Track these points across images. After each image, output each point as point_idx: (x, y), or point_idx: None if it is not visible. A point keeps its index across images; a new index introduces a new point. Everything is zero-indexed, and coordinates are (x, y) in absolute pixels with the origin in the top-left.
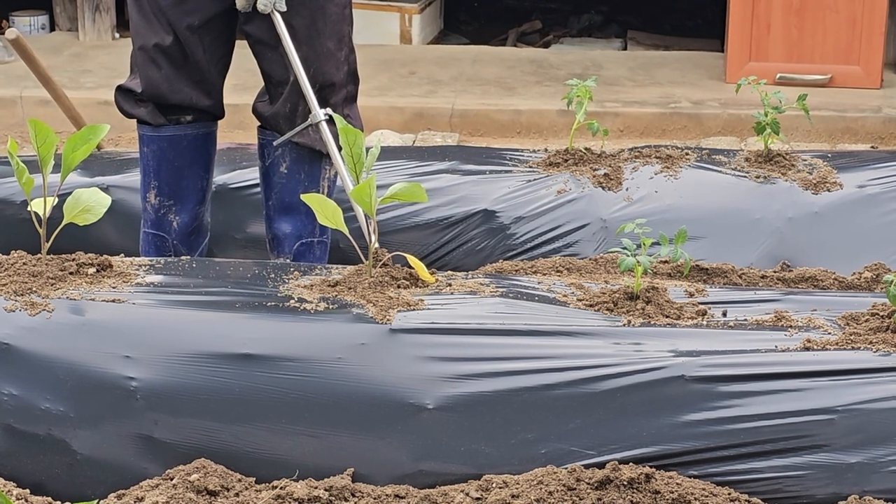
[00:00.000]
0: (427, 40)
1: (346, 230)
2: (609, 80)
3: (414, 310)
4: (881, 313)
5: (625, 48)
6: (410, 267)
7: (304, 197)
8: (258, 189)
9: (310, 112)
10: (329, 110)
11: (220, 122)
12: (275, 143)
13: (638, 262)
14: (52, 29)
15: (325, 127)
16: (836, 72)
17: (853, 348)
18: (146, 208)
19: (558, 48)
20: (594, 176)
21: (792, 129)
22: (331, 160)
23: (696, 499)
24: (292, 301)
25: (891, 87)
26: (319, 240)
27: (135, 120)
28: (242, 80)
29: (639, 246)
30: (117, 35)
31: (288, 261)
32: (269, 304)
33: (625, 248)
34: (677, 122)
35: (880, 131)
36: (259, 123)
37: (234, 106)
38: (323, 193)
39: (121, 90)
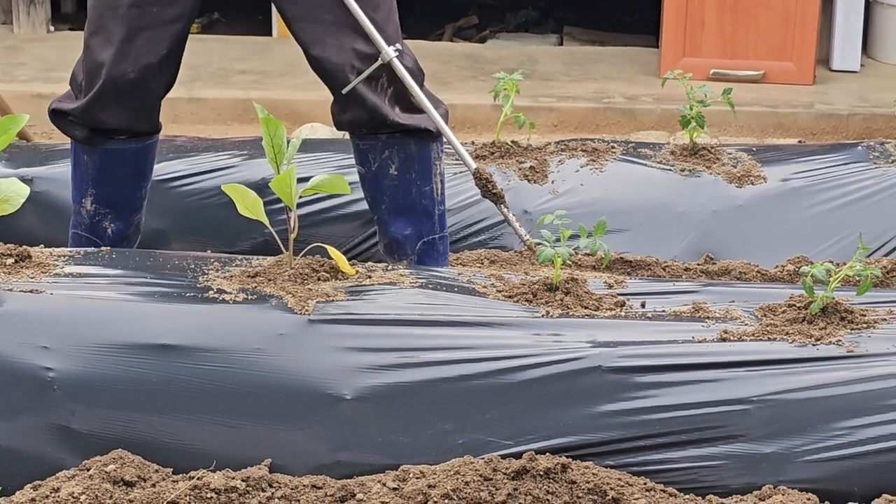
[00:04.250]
0: None
1: (266, 221)
2: (544, 76)
3: (333, 301)
4: (798, 304)
5: (561, 44)
6: (331, 258)
7: (224, 188)
8: (183, 181)
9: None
10: (399, 45)
11: None
12: (343, 91)
13: (557, 253)
14: None
15: (398, 64)
16: (769, 68)
17: (769, 339)
18: (80, 212)
19: (494, 43)
20: (520, 169)
21: (724, 124)
22: (439, 149)
23: (611, 488)
24: (211, 292)
25: (823, 84)
26: (441, 235)
27: None
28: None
29: (559, 239)
30: (52, 28)
31: (412, 262)
32: (188, 294)
33: (544, 240)
34: (611, 117)
35: (812, 127)
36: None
37: (170, 100)
38: (436, 189)
39: (55, 113)
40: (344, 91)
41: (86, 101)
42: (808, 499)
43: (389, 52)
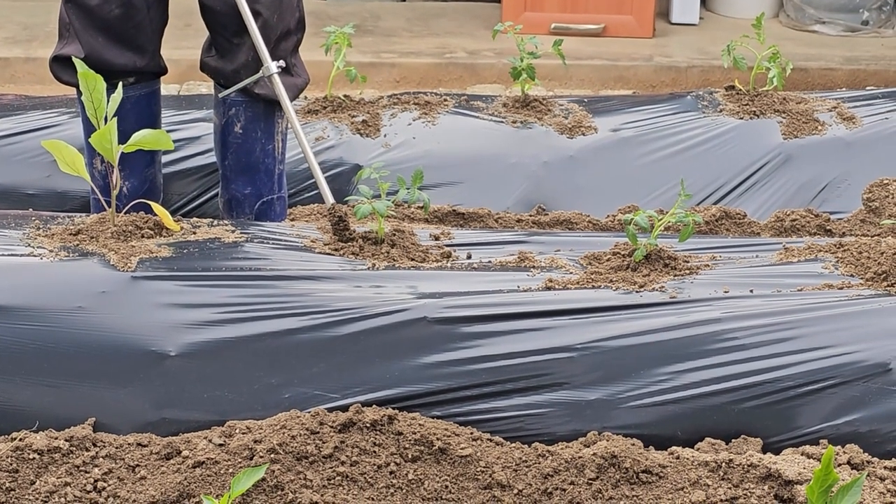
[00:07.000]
0: None
1: (87, 177)
2: (387, 31)
3: (157, 257)
4: (622, 252)
5: None
6: (155, 215)
7: (44, 143)
8: (8, 140)
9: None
10: (282, 62)
11: None
12: (221, 95)
13: (374, 208)
14: None
15: (277, 80)
16: (609, 21)
17: (594, 287)
18: (94, 174)
19: (337, 0)
20: (353, 123)
21: (566, 78)
22: (282, 113)
23: (438, 439)
24: (32, 250)
25: (663, 37)
26: (279, 195)
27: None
28: (13, 34)
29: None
30: None
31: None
32: (7, 253)
33: (361, 195)
34: (453, 73)
35: (652, 80)
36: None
37: (6, 60)
38: (278, 148)
39: (58, 61)
40: (222, 95)
41: (86, 43)
42: (633, 444)
43: (272, 66)
